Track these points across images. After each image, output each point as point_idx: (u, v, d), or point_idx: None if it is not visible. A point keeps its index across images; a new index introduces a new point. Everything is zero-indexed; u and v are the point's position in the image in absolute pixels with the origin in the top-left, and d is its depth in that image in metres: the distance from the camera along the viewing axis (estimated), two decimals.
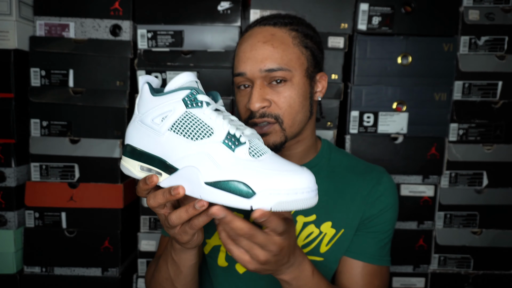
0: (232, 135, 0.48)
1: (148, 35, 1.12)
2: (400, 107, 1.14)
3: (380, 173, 0.78)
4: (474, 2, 1.12)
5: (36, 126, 1.14)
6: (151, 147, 0.51)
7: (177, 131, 0.49)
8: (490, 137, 1.16)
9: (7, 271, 1.14)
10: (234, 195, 0.44)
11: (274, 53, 0.65)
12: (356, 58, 1.12)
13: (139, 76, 0.54)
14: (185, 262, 0.61)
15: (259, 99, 0.65)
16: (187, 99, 0.49)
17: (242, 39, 0.70)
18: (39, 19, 1.12)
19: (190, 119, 0.49)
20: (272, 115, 0.66)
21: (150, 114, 0.51)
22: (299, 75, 0.67)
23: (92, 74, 1.13)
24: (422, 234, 1.19)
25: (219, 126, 0.48)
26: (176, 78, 0.52)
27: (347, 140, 1.16)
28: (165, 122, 0.49)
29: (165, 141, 0.49)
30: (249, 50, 0.66)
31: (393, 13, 1.11)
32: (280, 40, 0.66)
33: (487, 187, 1.18)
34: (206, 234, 0.77)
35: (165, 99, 0.50)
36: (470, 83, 1.15)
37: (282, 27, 0.68)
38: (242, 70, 0.67)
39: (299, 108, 0.68)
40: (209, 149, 0.47)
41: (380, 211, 0.75)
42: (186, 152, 0.48)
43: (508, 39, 1.13)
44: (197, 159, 0.47)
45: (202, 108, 0.49)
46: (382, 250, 0.75)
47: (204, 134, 0.48)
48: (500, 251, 1.20)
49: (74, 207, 1.14)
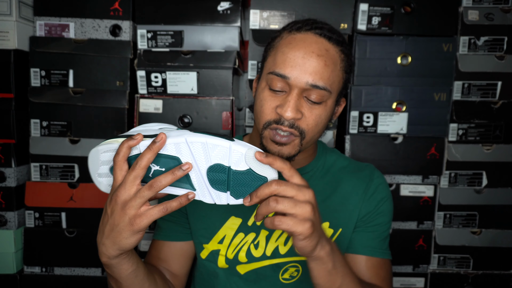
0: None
1: (148, 35, 1.12)
2: (400, 107, 1.14)
3: (371, 170, 0.81)
4: (473, 2, 1.12)
5: (36, 126, 1.14)
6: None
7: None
8: (490, 137, 1.16)
9: (7, 271, 1.14)
10: (216, 137, 0.51)
11: (325, 71, 0.64)
12: (356, 58, 1.13)
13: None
14: (121, 274, 0.58)
15: (294, 110, 0.63)
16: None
17: (293, 38, 0.66)
18: (39, 19, 1.12)
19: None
20: (300, 128, 0.65)
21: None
22: (333, 98, 0.68)
23: (92, 74, 1.13)
24: (421, 234, 1.19)
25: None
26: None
27: (346, 140, 1.16)
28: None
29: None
30: (301, 57, 0.63)
31: (393, 13, 1.12)
32: (332, 59, 0.65)
33: (487, 187, 1.18)
34: (203, 239, 0.77)
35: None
36: (469, 83, 1.15)
37: (335, 46, 0.66)
38: (288, 74, 0.63)
39: (322, 128, 0.69)
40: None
41: (376, 206, 0.76)
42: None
43: (507, 39, 1.13)
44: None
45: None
46: (383, 243, 0.77)
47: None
48: (499, 251, 1.20)
49: (74, 207, 1.14)
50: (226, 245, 0.75)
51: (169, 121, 1.13)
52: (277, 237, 0.75)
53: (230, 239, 0.75)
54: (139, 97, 1.13)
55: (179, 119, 1.13)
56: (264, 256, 0.75)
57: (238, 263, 0.75)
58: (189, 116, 1.13)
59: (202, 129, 0.57)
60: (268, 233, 0.75)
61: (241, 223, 0.75)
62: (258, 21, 1.13)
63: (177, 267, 0.78)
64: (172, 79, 1.12)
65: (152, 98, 1.13)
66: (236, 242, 0.75)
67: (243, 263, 0.75)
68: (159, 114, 1.13)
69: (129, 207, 0.50)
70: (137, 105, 1.13)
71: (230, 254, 0.75)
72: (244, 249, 0.75)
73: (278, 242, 0.75)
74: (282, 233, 0.75)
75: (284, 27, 0.71)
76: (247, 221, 0.75)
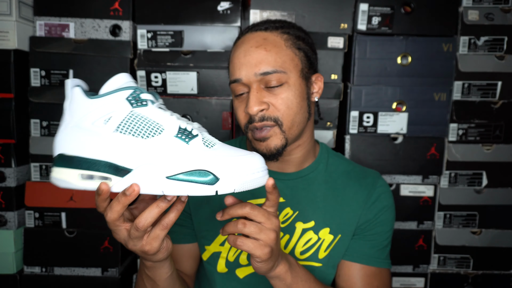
0: (183, 129, 0.48)
1: (148, 35, 1.12)
2: (400, 107, 1.14)
3: (375, 178, 0.79)
4: (473, 2, 1.12)
5: (36, 126, 1.14)
6: (93, 152, 0.48)
7: (124, 132, 0.47)
8: (490, 137, 1.16)
9: (7, 271, 1.14)
10: (198, 184, 0.45)
11: (268, 56, 0.65)
12: (356, 58, 1.13)
13: (67, 80, 0.51)
14: (161, 276, 0.60)
15: (257, 102, 0.65)
16: (131, 98, 0.48)
17: (235, 46, 0.70)
18: (39, 19, 1.12)
19: (137, 118, 0.48)
20: (271, 117, 0.66)
21: (88, 118, 0.48)
22: (294, 76, 0.67)
23: (92, 74, 1.13)
24: (421, 234, 1.19)
25: (168, 122, 0.48)
26: (112, 79, 0.50)
27: (346, 140, 1.16)
28: (110, 124, 0.47)
29: (112, 143, 0.47)
30: (243, 56, 0.66)
31: (393, 13, 1.12)
32: (273, 43, 0.67)
33: (487, 187, 1.18)
34: (205, 241, 0.77)
35: (105, 101, 0.48)
36: (469, 83, 1.15)
37: (273, 31, 0.68)
38: (238, 76, 0.67)
39: (297, 109, 0.68)
40: (163, 144, 0.47)
41: (376, 215, 0.75)
42: (138, 151, 0.47)
43: (507, 39, 1.13)
44: (153, 155, 0.46)
45: (148, 106, 0.49)
46: (381, 253, 0.75)
47: (154, 132, 0.47)
48: (499, 251, 1.20)
49: (74, 207, 1.14)
50: (228, 247, 0.75)
51: None
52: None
53: None
54: None
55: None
56: None
57: (238, 266, 0.75)
58: (189, 116, 1.13)
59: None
60: None
61: None
62: (258, 21, 1.13)
63: (187, 268, 0.79)
64: (172, 79, 1.12)
65: None
66: None
67: (243, 266, 0.75)
68: None
69: (132, 245, 0.50)
70: None
71: (231, 256, 0.75)
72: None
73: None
74: (283, 235, 0.74)
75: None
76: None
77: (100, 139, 0.47)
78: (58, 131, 0.50)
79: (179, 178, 0.45)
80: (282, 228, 0.74)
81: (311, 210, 0.75)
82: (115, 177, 0.47)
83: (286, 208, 0.75)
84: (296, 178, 0.76)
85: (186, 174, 0.45)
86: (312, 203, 0.75)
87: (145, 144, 0.47)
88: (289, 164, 0.75)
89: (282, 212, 0.74)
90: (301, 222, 0.74)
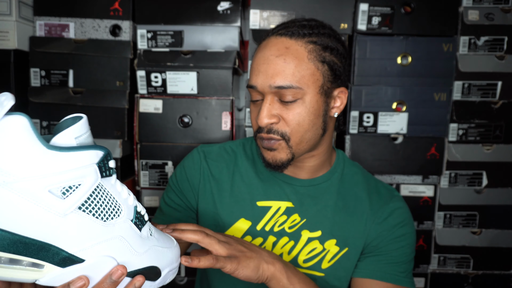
0: (138, 213, 0.44)
1: (148, 35, 1.12)
2: (400, 107, 1.14)
3: (389, 192, 0.76)
4: (473, 2, 1.12)
5: (36, 126, 1.14)
6: (31, 228, 0.35)
7: (86, 210, 0.37)
8: (490, 137, 1.16)
9: None
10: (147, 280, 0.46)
11: (286, 68, 0.62)
12: (356, 58, 1.13)
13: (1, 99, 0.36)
14: None
15: (268, 115, 0.63)
16: (102, 165, 0.38)
17: (259, 48, 0.67)
18: (39, 19, 1.12)
19: (101, 193, 0.39)
20: (279, 132, 0.64)
21: (43, 181, 0.35)
22: (312, 92, 0.64)
23: (92, 74, 1.13)
24: (421, 234, 1.19)
25: (126, 202, 0.42)
26: (78, 125, 0.37)
27: (347, 140, 1.16)
28: (72, 196, 0.36)
29: (67, 224, 0.36)
30: (262, 63, 0.64)
31: (393, 13, 1.12)
32: (294, 54, 0.62)
33: (487, 187, 1.18)
34: None
35: (72, 162, 0.36)
36: (469, 83, 1.15)
37: (298, 39, 0.64)
38: (254, 83, 0.65)
39: (309, 127, 0.65)
40: (122, 232, 0.41)
41: (389, 231, 0.73)
42: (96, 239, 0.38)
43: (507, 39, 1.13)
44: (113, 246, 0.40)
45: (112, 177, 0.40)
46: (400, 270, 0.72)
47: (114, 213, 0.40)
48: (499, 251, 1.20)
49: None
50: None
51: (169, 121, 1.13)
52: (283, 244, 0.73)
53: None
54: (139, 97, 1.13)
55: (179, 119, 1.13)
56: None
57: None
58: (189, 116, 1.13)
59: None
60: (276, 239, 0.73)
61: (250, 226, 0.74)
62: (258, 21, 1.13)
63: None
64: (172, 79, 1.12)
65: (152, 98, 1.13)
66: None
67: None
68: (159, 114, 1.13)
69: None
70: (137, 105, 1.13)
71: None
72: None
73: (283, 249, 0.73)
74: (288, 241, 0.73)
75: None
76: (256, 225, 0.74)
77: (50, 214, 0.35)
78: None
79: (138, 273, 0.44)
80: (288, 233, 0.73)
81: (319, 219, 0.73)
82: (50, 265, 0.37)
83: (294, 214, 0.73)
84: (308, 186, 0.74)
85: (144, 269, 0.44)
86: (321, 213, 0.73)
87: (105, 230, 0.39)
88: (302, 170, 0.74)
89: (290, 218, 0.73)
90: (308, 231, 0.73)
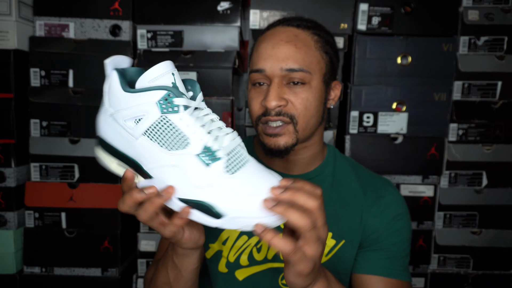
0: (208, 148, 0.45)
1: (148, 35, 1.12)
2: (400, 107, 1.14)
3: (384, 185, 0.76)
4: (473, 2, 1.12)
5: (36, 126, 1.14)
6: (125, 148, 0.48)
7: (151, 137, 0.45)
8: (490, 137, 1.16)
9: (7, 271, 1.14)
10: (203, 213, 0.46)
11: (297, 53, 0.64)
12: (356, 58, 1.13)
13: (106, 60, 0.48)
14: (187, 266, 0.60)
15: (277, 97, 0.64)
16: (162, 103, 0.45)
17: (263, 36, 0.69)
18: (39, 19, 1.12)
19: (165, 126, 0.45)
20: (288, 114, 0.65)
21: (121, 114, 0.46)
22: (317, 79, 0.67)
23: (92, 74, 1.12)
24: (421, 234, 1.19)
25: (196, 137, 0.45)
26: (151, 70, 0.47)
27: (346, 140, 1.16)
28: (140, 125, 0.45)
29: (140, 146, 0.46)
30: (271, 48, 0.65)
31: (393, 13, 1.12)
32: (303, 41, 0.66)
33: (487, 187, 1.18)
34: (211, 239, 0.76)
35: (137, 100, 0.45)
36: (469, 83, 1.15)
37: (305, 30, 0.67)
38: (262, 67, 0.66)
39: (314, 112, 0.67)
40: (183, 163, 0.45)
41: (387, 224, 0.72)
42: (160, 162, 0.46)
43: (507, 39, 1.13)
44: (171, 173, 0.46)
45: (179, 113, 0.45)
46: (399, 264, 0.72)
47: (179, 145, 0.45)
48: (499, 251, 1.20)
49: (74, 207, 1.14)
50: (229, 247, 0.75)
51: None
52: None
53: (233, 241, 0.75)
54: None
55: None
56: (265, 259, 0.74)
57: (238, 267, 0.75)
58: None
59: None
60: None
61: None
62: (258, 21, 1.13)
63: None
64: None
65: None
66: (238, 244, 0.75)
67: (243, 267, 0.75)
68: None
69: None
70: None
71: (232, 256, 0.75)
72: (246, 252, 0.74)
73: None
74: None
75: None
76: None
77: (130, 138, 0.47)
78: (100, 111, 0.50)
79: (189, 203, 0.46)
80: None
81: None
82: (139, 176, 0.49)
83: None
84: None
85: (195, 202, 0.46)
86: None
87: (167, 157, 0.45)
88: (295, 165, 0.74)
89: None
90: None
